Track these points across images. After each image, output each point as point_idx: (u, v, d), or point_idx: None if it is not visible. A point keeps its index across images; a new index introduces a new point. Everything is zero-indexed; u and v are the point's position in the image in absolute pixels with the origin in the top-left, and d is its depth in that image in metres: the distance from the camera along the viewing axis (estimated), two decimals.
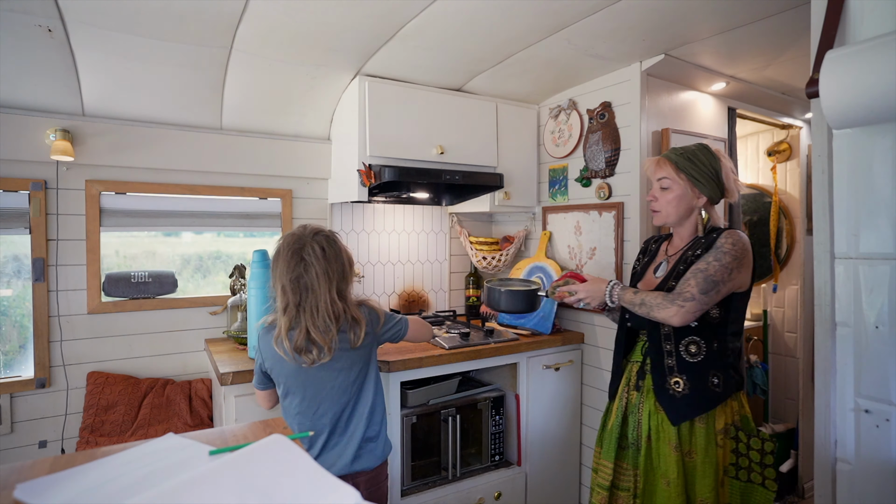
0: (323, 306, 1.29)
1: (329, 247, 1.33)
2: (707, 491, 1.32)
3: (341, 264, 1.34)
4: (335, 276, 1.32)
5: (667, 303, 1.30)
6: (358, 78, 1.98)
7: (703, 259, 1.33)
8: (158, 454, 0.81)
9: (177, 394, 2.00)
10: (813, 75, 1.04)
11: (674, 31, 1.70)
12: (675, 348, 1.37)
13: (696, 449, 1.34)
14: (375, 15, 1.57)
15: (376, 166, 1.96)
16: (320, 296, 1.29)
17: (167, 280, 2.09)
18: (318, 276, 1.29)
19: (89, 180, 1.92)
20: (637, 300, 1.36)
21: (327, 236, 1.36)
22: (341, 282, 1.34)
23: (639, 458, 1.42)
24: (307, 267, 1.29)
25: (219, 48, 1.70)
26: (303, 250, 1.30)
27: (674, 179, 1.41)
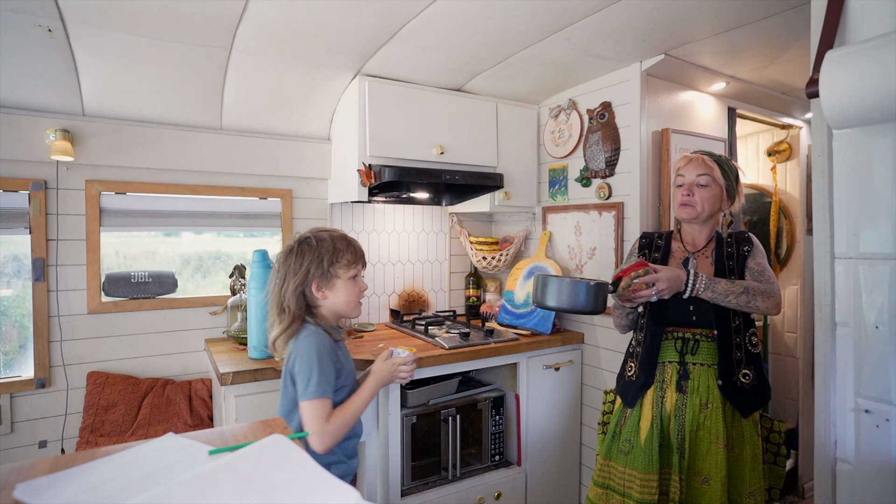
0: (272, 298, 1.34)
1: (298, 245, 1.35)
2: (757, 482, 1.35)
3: (300, 264, 1.32)
4: (290, 273, 1.32)
5: (772, 290, 1.37)
6: (358, 78, 1.98)
7: (755, 258, 1.45)
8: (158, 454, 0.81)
9: (177, 394, 2.00)
10: (813, 75, 1.04)
11: (674, 31, 1.70)
12: (743, 340, 1.40)
13: (744, 442, 1.37)
14: (375, 15, 1.57)
15: (376, 166, 1.96)
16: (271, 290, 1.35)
17: (167, 280, 2.09)
18: (275, 273, 1.36)
19: (89, 180, 1.92)
20: (737, 288, 1.35)
21: (300, 238, 1.37)
22: (297, 280, 1.32)
23: (683, 462, 1.37)
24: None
25: (219, 48, 1.69)
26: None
27: (716, 180, 1.48)
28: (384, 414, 1.79)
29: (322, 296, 1.34)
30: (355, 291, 1.38)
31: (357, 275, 1.38)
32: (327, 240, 1.34)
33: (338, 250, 1.34)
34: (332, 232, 1.38)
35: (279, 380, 1.66)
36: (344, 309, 1.37)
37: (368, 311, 2.46)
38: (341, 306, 1.37)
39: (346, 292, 1.36)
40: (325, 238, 1.34)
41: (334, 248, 1.33)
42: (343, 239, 1.37)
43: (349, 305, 1.37)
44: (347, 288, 1.36)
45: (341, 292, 1.35)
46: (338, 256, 1.33)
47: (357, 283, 1.38)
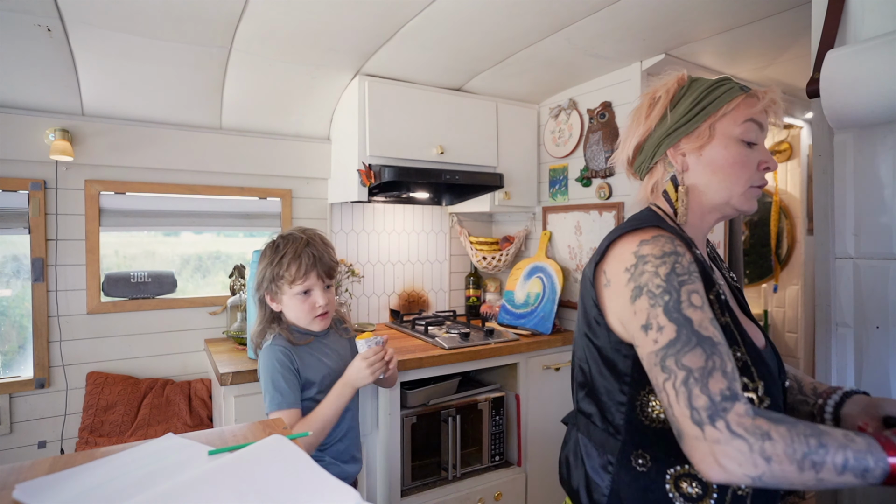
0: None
1: (265, 247, 1.32)
2: None
3: (260, 269, 1.29)
4: (257, 276, 1.31)
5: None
6: (358, 77, 1.98)
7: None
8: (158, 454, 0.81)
9: (176, 394, 1.99)
10: (814, 75, 1.04)
11: (674, 31, 1.70)
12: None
13: None
14: (375, 14, 1.56)
15: (376, 166, 1.96)
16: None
17: (167, 280, 2.09)
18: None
19: (89, 180, 1.92)
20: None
21: (273, 238, 1.33)
22: (255, 285, 1.31)
23: None
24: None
25: (218, 48, 1.69)
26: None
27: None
28: (384, 414, 1.79)
29: (276, 306, 1.30)
30: (304, 308, 1.28)
31: (307, 290, 1.27)
32: (280, 247, 1.26)
33: (282, 263, 1.24)
34: (298, 236, 1.28)
35: None
36: (298, 323, 1.31)
37: (368, 311, 2.46)
38: (294, 320, 1.30)
39: (294, 308, 1.28)
40: (280, 245, 1.27)
41: (280, 259, 1.24)
42: (298, 248, 1.25)
43: (300, 321, 1.30)
44: (294, 304, 1.27)
45: (289, 307, 1.29)
46: (280, 270, 1.24)
47: (307, 299, 1.27)
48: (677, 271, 0.71)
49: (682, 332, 0.68)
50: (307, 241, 1.27)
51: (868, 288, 0.99)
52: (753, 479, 0.62)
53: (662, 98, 0.85)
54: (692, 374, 0.65)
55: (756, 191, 0.84)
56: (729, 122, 0.81)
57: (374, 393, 1.83)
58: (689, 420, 0.64)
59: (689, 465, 0.75)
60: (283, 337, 1.28)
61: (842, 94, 0.97)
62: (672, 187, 0.86)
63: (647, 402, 0.78)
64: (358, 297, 2.42)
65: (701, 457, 0.63)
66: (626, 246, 0.77)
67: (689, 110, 0.83)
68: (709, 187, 0.83)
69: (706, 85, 0.84)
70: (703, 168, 0.83)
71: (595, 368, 0.84)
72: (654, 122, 0.86)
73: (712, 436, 0.62)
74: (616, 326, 0.79)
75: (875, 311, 0.98)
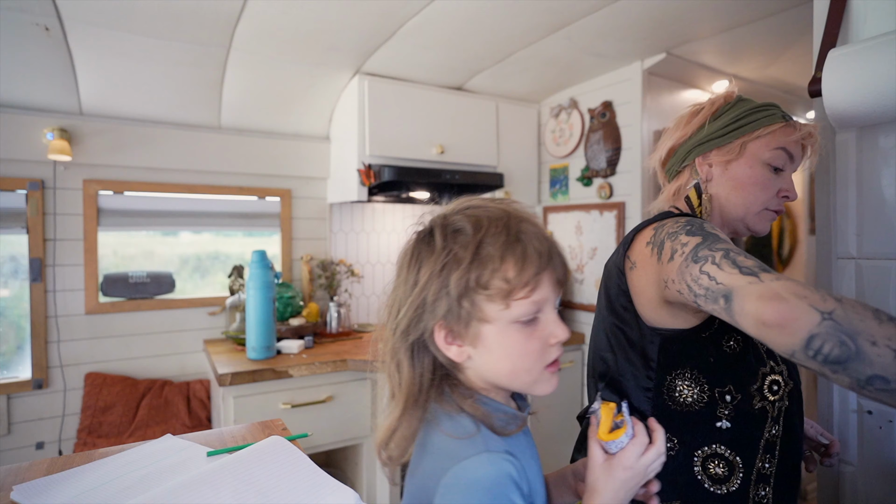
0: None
1: (417, 241, 0.62)
2: None
3: (413, 283, 0.61)
4: (401, 301, 0.63)
5: None
6: (357, 77, 1.97)
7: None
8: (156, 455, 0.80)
9: (175, 395, 1.99)
10: (815, 74, 1.04)
11: (675, 30, 1.69)
12: None
13: None
14: (375, 13, 1.56)
15: (376, 166, 1.96)
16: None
17: (165, 280, 2.08)
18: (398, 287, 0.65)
19: (87, 180, 1.91)
20: None
21: (429, 223, 0.63)
22: (406, 318, 0.61)
23: None
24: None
25: (217, 47, 1.69)
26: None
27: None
28: (384, 415, 1.78)
29: (460, 353, 0.60)
30: (532, 348, 0.61)
31: (538, 309, 0.61)
32: (469, 231, 0.58)
33: (485, 258, 0.57)
34: (496, 210, 0.60)
35: (278, 381, 1.67)
36: (508, 378, 0.61)
37: (368, 312, 2.45)
38: (502, 374, 0.61)
39: (511, 348, 0.60)
40: (464, 227, 0.58)
41: (477, 251, 0.57)
42: (512, 228, 0.58)
43: (517, 374, 0.61)
44: (511, 340, 0.59)
45: (498, 348, 0.59)
46: (483, 271, 0.57)
47: (535, 328, 0.61)
48: (697, 223, 0.74)
49: (707, 237, 0.69)
50: (520, 218, 0.60)
51: (870, 288, 0.99)
52: (823, 316, 0.53)
53: (706, 109, 0.89)
54: (730, 250, 0.65)
55: (771, 214, 0.87)
56: (761, 144, 0.84)
57: (373, 393, 1.82)
58: (739, 275, 0.61)
59: (716, 445, 0.77)
60: (487, 431, 0.58)
61: (843, 93, 0.96)
62: (695, 193, 0.88)
63: (674, 386, 0.79)
64: (357, 298, 2.41)
65: (759, 294, 0.57)
66: (647, 231, 0.81)
67: (727, 125, 0.86)
68: (728, 201, 0.86)
69: (751, 106, 0.86)
70: (725, 181, 0.86)
71: (622, 355, 0.85)
72: (691, 130, 0.89)
73: (768, 277, 0.59)
74: (645, 311, 0.80)
75: None
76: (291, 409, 1.67)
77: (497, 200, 0.64)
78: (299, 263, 2.32)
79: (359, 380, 1.79)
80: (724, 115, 0.87)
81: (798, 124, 0.86)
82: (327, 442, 1.74)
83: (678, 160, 0.92)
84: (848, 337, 0.53)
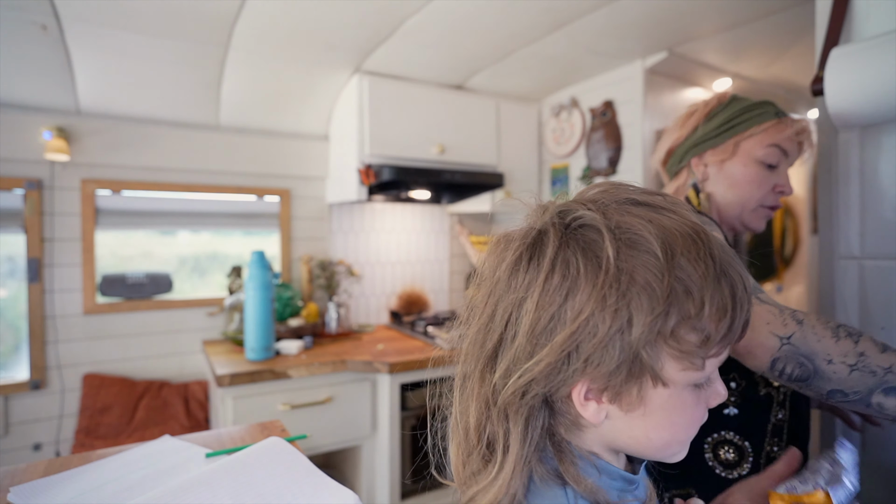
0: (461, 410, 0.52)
1: (556, 254, 0.42)
2: None
3: (555, 317, 0.40)
4: (515, 339, 0.42)
5: None
6: (357, 75, 1.96)
7: None
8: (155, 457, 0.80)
9: (173, 396, 1.98)
10: (818, 73, 1.03)
11: (677, 28, 1.69)
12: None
13: None
14: (375, 11, 1.55)
15: (375, 165, 1.95)
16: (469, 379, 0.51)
17: (163, 280, 2.07)
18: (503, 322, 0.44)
19: (85, 179, 1.90)
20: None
21: (564, 226, 0.45)
22: (542, 366, 0.40)
23: None
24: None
25: (215, 45, 1.68)
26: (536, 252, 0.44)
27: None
28: (384, 416, 1.77)
29: (598, 413, 0.42)
30: (699, 415, 0.44)
31: (713, 371, 0.43)
32: (655, 249, 0.38)
33: (682, 296, 0.38)
34: (668, 217, 0.41)
35: (277, 381, 1.66)
36: (654, 450, 0.44)
37: (368, 312, 2.44)
38: (651, 445, 0.44)
39: (676, 414, 0.42)
40: (645, 240, 0.39)
41: (672, 283, 0.38)
42: (710, 254, 0.39)
43: (670, 446, 0.44)
44: (682, 404, 0.42)
45: (660, 414, 0.42)
46: (680, 317, 0.38)
47: (705, 389, 0.44)
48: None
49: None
50: (711, 238, 0.41)
51: (873, 288, 0.99)
52: (782, 341, 0.60)
53: (700, 110, 0.90)
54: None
55: (767, 211, 0.88)
56: (755, 143, 0.85)
57: (372, 394, 1.81)
58: None
59: (724, 431, 0.79)
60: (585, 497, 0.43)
61: (846, 92, 0.96)
62: (693, 193, 0.90)
63: None
64: (357, 298, 2.40)
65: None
66: None
67: (721, 125, 0.87)
68: (724, 199, 0.88)
69: (744, 105, 0.87)
70: (721, 180, 0.88)
71: None
72: (687, 131, 0.91)
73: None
74: None
75: (880, 312, 0.97)
76: (290, 410, 1.66)
77: (657, 195, 0.45)
78: (298, 263, 2.31)
79: (358, 381, 1.78)
80: (717, 115, 0.89)
81: (790, 120, 0.87)
82: (327, 443, 1.73)
83: (676, 161, 0.93)
84: (806, 358, 0.60)
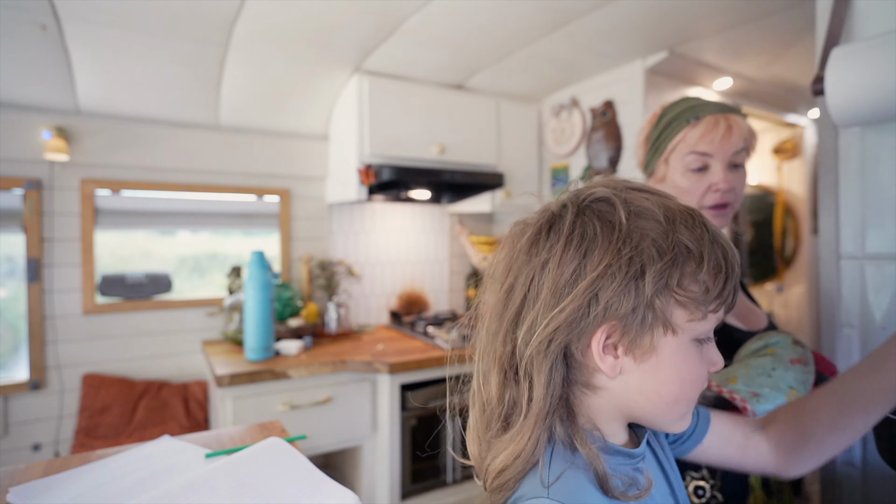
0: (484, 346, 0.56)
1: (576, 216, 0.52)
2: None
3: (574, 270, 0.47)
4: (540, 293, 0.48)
5: None
6: (356, 75, 1.96)
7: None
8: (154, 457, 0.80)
9: (173, 396, 1.97)
10: (818, 72, 1.03)
11: (677, 28, 1.69)
12: None
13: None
14: (374, 11, 1.55)
15: (375, 165, 1.95)
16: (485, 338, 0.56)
17: (163, 281, 2.07)
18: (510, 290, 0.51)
19: (84, 179, 1.90)
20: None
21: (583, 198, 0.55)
22: (564, 314, 0.45)
23: None
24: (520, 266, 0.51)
25: (215, 45, 1.68)
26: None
27: (750, 150, 0.90)
28: (384, 416, 1.77)
29: (614, 367, 0.47)
30: (702, 374, 0.49)
31: (711, 331, 0.50)
32: (659, 216, 0.47)
33: (685, 253, 0.46)
34: (666, 199, 0.51)
35: (277, 382, 1.66)
36: (664, 407, 0.48)
37: (368, 312, 2.44)
38: (660, 400, 0.48)
39: (683, 368, 0.47)
40: (650, 209, 0.48)
41: (675, 242, 0.46)
42: (704, 224, 0.48)
43: (678, 403, 0.48)
44: (688, 359, 0.47)
45: (669, 366, 0.47)
46: (685, 269, 0.46)
47: (705, 352, 0.49)
48: None
49: None
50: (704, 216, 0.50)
51: (874, 288, 0.98)
52: None
53: (643, 140, 0.99)
54: None
55: (713, 212, 0.88)
56: (677, 156, 0.90)
57: (372, 394, 1.81)
58: None
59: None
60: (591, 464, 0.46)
61: (847, 91, 0.96)
62: None
63: None
64: (357, 298, 2.40)
65: None
66: None
67: (650, 148, 0.95)
68: None
69: (665, 121, 0.93)
70: (670, 192, 0.91)
71: None
72: (641, 157, 1.00)
73: None
74: None
75: (881, 312, 0.97)
76: (290, 410, 1.66)
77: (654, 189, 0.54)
78: (298, 263, 2.31)
79: (358, 381, 1.78)
80: (651, 137, 0.95)
81: (698, 122, 0.88)
82: (327, 443, 1.73)
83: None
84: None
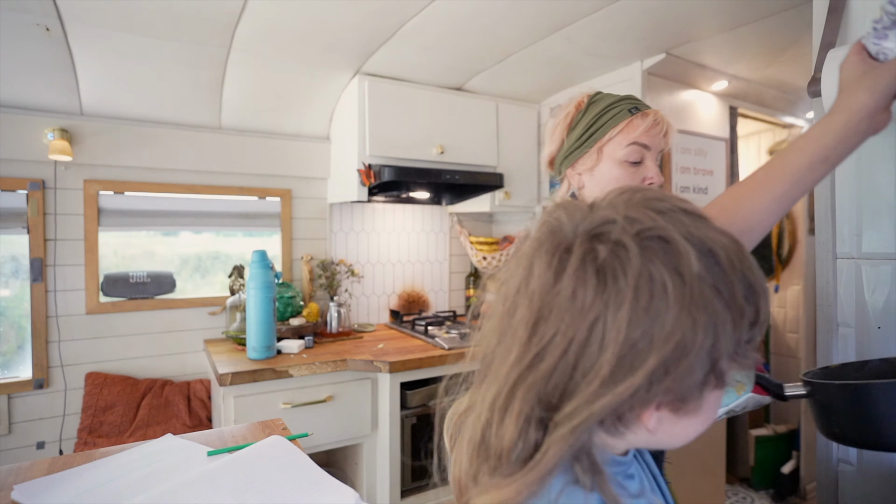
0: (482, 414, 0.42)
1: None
2: None
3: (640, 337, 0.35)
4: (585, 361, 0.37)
5: None
6: (357, 77, 1.97)
7: None
8: (157, 455, 0.81)
9: (175, 395, 1.99)
10: (815, 74, 1.04)
11: (675, 30, 1.69)
12: None
13: None
14: (375, 13, 1.56)
15: (376, 166, 1.96)
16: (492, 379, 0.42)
17: (166, 280, 2.08)
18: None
19: (87, 180, 1.91)
20: None
21: (634, 231, 0.37)
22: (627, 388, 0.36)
23: None
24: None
25: (217, 47, 1.69)
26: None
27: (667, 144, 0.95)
28: (384, 415, 1.78)
29: (657, 424, 0.39)
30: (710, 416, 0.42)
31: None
32: (723, 259, 0.37)
33: (751, 312, 0.38)
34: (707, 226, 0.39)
35: (278, 380, 1.67)
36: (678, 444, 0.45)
37: (368, 311, 2.45)
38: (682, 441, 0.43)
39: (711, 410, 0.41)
40: (711, 252, 0.37)
41: (742, 302, 0.37)
42: (751, 269, 0.39)
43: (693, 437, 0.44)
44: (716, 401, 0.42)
45: (704, 412, 0.41)
46: (744, 328, 0.38)
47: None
48: None
49: None
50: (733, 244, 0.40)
51: (870, 288, 0.99)
52: None
53: (561, 122, 0.94)
54: None
55: None
56: (615, 145, 0.88)
57: (373, 392, 1.82)
58: None
59: None
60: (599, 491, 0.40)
61: None
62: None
63: None
64: (357, 298, 2.41)
65: None
66: None
67: (582, 135, 0.90)
68: None
69: (599, 109, 0.90)
70: (594, 186, 0.90)
71: None
72: (556, 145, 0.95)
73: None
74: None
75: (877, 312, 0.98)
76: (292, 408, 1.67)
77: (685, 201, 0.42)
78: (299, 263, 2.32)
79: (359, 379, 1.79)
80: (578, 124, 0.91)
81: (643, 114, 0.88)
82: (328, 442, 1.74)
83: (556, 172, 0.97)
84: None
